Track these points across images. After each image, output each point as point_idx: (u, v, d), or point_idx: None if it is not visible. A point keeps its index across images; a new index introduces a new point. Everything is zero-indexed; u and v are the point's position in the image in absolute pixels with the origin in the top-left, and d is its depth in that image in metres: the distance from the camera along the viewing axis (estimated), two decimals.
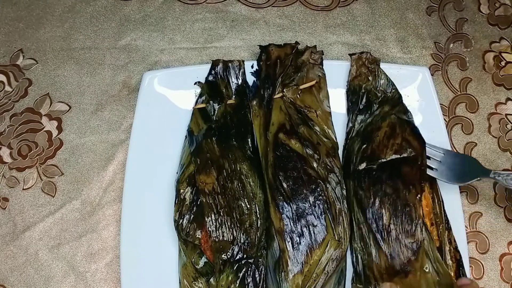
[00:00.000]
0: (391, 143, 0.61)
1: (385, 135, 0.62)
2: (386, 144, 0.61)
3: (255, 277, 0.58)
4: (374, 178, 0.59)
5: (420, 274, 0.55)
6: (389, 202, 0.58)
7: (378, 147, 0.61)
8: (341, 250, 0.57)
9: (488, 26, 0.73)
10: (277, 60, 0.66)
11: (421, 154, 0.60)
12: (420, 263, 0.55)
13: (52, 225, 0.65)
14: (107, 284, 0.63)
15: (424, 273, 0.55)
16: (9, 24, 0.73)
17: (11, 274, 0.63)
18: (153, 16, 0.74)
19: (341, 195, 0.59)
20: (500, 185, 0.66)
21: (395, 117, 0.63)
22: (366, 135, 0.63)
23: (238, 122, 0.64)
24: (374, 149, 0.61)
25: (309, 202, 0.58)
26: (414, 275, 0.55)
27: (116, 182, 0.66)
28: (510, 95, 0.70)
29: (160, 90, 0.67)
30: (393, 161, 0.60)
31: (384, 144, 0.61)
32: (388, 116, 0.63)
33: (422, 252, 0.55)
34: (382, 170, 0.59)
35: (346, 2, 0.75)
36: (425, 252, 0.56)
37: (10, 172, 0.67)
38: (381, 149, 0.61)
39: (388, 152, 0.60)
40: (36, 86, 0.71)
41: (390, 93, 0.65)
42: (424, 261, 0.55)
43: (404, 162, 0.59)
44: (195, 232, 0.59)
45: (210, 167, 0.60)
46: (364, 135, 0.63)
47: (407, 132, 0.61)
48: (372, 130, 0.63)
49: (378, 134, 0.62)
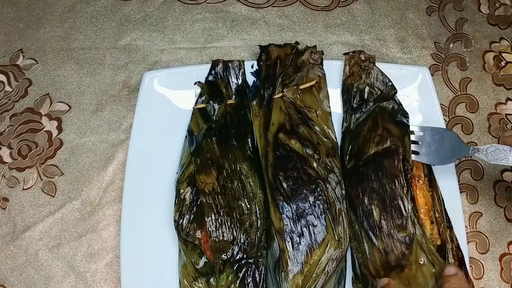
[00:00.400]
0: (373, 135, 0.60)
1: (368, 129, 0.61)
2: (369, 137, 0.60)
3: (255, 277, 0.58)
4: (361, 175, 0.59)
5: (416, 267, 0.55)
6: (378, 198, 0.57)
7: (363, 143, 0.60)
8: (341, 250, 0.57)
9: (488, 26, 0.73)
10: (277, 60, 0.66)
11: (402, 141, 0.58)
12: (414, 256, 0.55)
13: (52, 225, 0.65)
14: (107, 284, 0.63)
15: (420, 266, 0.55)
16: (9, 24, 0.73)
17: (11, 274, 0.63)
18: (153, 16, 0.74)
19: (341, 195, 0.59)
20: (500, 185, 0.66)
21: (379, 109, 0.62)
22: (355, 133, 0.62)
23: (238, 122, 0.64)
24: (360, 145, 0.60)
25: (309, 202, 0.58)
26: (410, 269, 0.55)
27: (116, 182, 0.66)
28: (510, 95, 0.70)
29: (160, 90, 0.67)
30: (375, 154, 0.59)
31: (367, 138, 0.60)
32: (375, 110, 0.62)
33: (416, 245, 0.55)
34: (367, 165, 0.59)
35: (346, 2, 0.75)
36: (419, 245, 0.55)
37: (10, 172, 0.67)
38: (365, 144, 0.60)
39: (371, 146, 0.60)
40: (36, 86, 0.71)
41: (385, 90, 0.65)
42: (419, 254, 0.55)
43: (385, 154, 0.58)
44: (195, 232, 0.59)
45: (210, 167, 0.60)
46: (354, 133, 0.63)
47: (386, 120, 0.60)
48: (360, 127, 0.62)
49: (363, 129, 0.61)
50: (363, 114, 0.64)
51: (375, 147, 0.59)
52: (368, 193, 0.58)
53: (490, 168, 0.67)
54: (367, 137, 0.60)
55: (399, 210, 0.56)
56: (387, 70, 0.66)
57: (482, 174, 0.66)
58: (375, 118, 0.61)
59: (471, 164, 0.67)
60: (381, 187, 0.57)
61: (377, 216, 0.57)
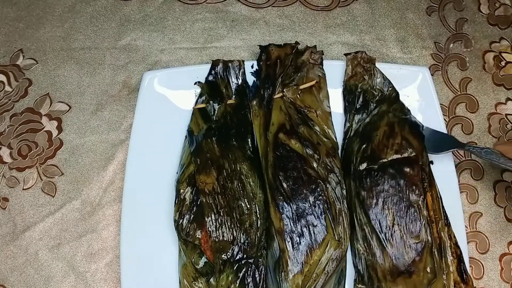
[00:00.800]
0: (391, 142, 0.61)
1: (384, 135, 0.62)
2: (386, 144, 0.61)
3: (255, 277, 0.58)
4: (376, 179, 0.59)
5: (423, 274, 0.55)
6: (393, 202, 0.58)
7: (378, 147, 0.61)
8: (341, 250, 0.57)
9: (488, 26, 0.73)
10: (277, 60, 0.66)
11: (421, 153, 0.60)
12: (424, 263, 0.55)
13: (52, 225, 0.65)
14: (107, 284, 0.63)
15: (427, 274, 0.55)
16: (9, 24, 0.73)
17: (11, 274, 0.63)
18: (153, 16, 0.74)
19: (341, 195, 0.59)
20: (500, 185, 0.66)
21: (393, 115, 0.63)
22: (365, 135, 0.63)
23: (238, 122, 0.64)
24: (374, 149, 0.61)
25: (309, 202, 0.58)
26: (418, 275, 0.55)
27: (116, 182, 0.66)
28: (510, 95, 0.70)
29: (160, 90, 0.67)
30: (394, 161, 0.60)
31: (384, 144, 0.61)
32: (386, 115, 0.63)
33: (426, 253, 0.56)
34: (384, 170, 0.59)
35: (346, 2, 0.75)
36: (429, 253, 0.56)
37: (10, 172, 0.67)
38: (381, 149, 0.61)
39: (388, 152, 0.60)
40: (36, 86, 0.71)
41: (387, 92, 0.65)
42: (428, 261, 0.55)
43: (406, 162, 0.60)
44: (195, 232, 0.59)
45: (210, 167, 0.60)
46: (363, 135, 0.63)
47: (406, 131, 0.62)
48: (371, 130, 0.63)
49: (377, 133, 0.62)
50: (368, 115, 0.64)
51: (393, 154, 0.60)
52: (384, 197, 0.58)
53: (490, 168, 0.67)
54: (384, 143, 0.61)
55: (414, 217, 0.57)
56: (387, 70, 0.66)
57: (482, 174, 0.66)
58: (391, 125, 0.62)
59: (471, 164, 0.67)
60: (398, 193, 0.58)
61: (391, 221, 0.57)
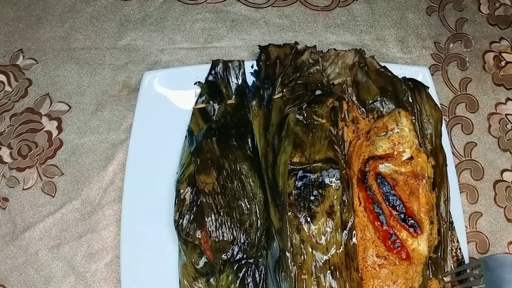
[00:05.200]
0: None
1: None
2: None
3: (255, 277, 0.58)
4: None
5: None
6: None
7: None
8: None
9: (488, 26, 0.73)
10: (276, 60, 0.66)
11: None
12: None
13: (52, 225, 0.65)
14: (107, 284, 0.63)
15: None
16: (9, 24, 0.73)
17: (11, 274, 0.63)
18: (153, 16, 0.74)
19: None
20: (500, 185, 0.66)
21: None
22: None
23: (238, 122, 0.64)
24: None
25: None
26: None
27: (116, 182, 0.66)
28: (510, 95, 0.70)
29: (160, 90, 0.67)
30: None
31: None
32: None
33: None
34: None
35: (346, 2, 0.75)
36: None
37: (10, 172, 0.67)
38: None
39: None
40: (36, 86, 0.71)
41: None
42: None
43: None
44: (195, 232, 0.59)
45: (210, 167, 0.60)
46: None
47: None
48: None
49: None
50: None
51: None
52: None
53: (490, 168, 0.67)
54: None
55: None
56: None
57: (482, 174, 0.66)
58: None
59: (471, 164, 0.67)
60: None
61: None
